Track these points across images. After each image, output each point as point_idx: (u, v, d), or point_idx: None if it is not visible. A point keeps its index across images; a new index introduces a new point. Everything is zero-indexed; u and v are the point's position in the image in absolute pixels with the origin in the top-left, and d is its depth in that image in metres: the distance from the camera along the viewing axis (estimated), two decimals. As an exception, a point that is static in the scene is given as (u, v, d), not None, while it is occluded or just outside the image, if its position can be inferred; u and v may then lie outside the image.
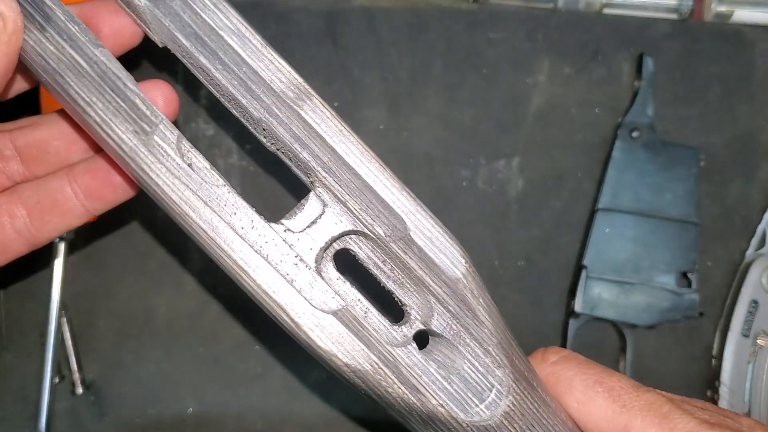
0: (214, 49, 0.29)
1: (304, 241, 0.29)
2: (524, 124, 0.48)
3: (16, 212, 0.33)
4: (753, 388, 0.44)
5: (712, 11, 0.49)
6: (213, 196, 0.28)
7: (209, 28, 0.29)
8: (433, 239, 0.30)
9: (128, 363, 0.46)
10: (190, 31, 0.29)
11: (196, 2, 0.29)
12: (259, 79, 0.29)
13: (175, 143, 0.28)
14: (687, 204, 0.45)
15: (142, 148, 0.28)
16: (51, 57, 0.27)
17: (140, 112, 0.28)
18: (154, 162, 0.28)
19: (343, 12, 0.48)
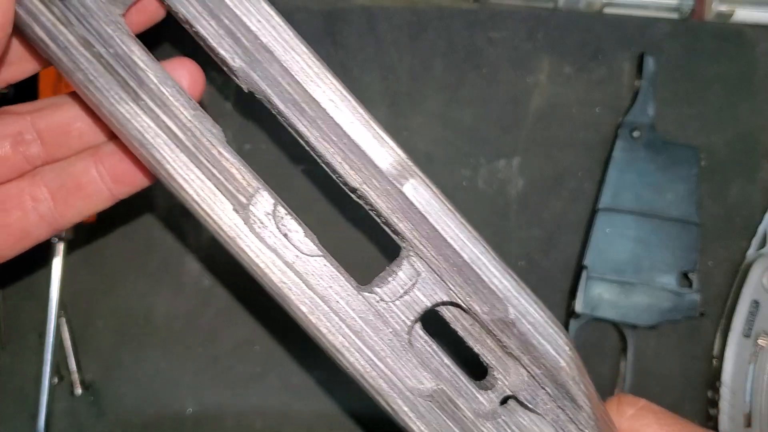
0: (314, 117, 0.28)
1: (396, 312, 0.28)
2: (524, 123, 0.48)
3: (39, 196, 0.31)
4: (754, 389, 0.44)
5: (713, 11, 0.48)
6: (309, 269, 0.27)
7: (310, 98, 0.28)
8: (536, 325, 0.28)
9: (127, 363, 0.46)
10: (288, 97, 0.28)
11: (299, 72, 0.27)
12: (361, 153, 0.28)
13: (272, 212, 0.27)
14: (688, 204, 0.45)
15: (242, 225, 0.27)
16: (147, 131, 0.26)
17: (237, 183, 0.27)
18: (253, 239, 0.27)
19: (343, 11, 0.48)
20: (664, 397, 0.46)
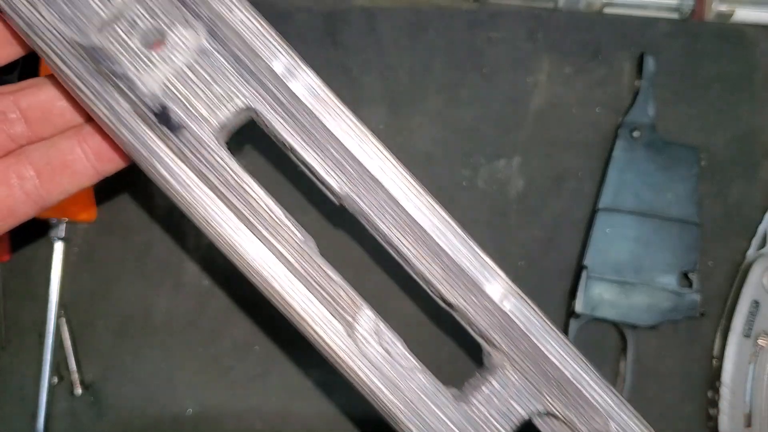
0: (417, 239, 0.28)
1: (494, 423, 0.28)
2: (524, 123, 0.48)
3: (24, 173, 0.32)
4: (754, 389, 0.44)
5: (713, 11, 0.48)
6: (412, 385, 0.27)
7: (414, 222, 0.28)
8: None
9: (127, 363, 0.46)
10: (393, 221, 0.28)
11: (403, 199, 0.28)
12: (464, 274, 0.28)
13: (376, 329, 0.27)
14: (688, 204, 0.45)
15: (352, 346, 0.27)
16: (267, 260, 0.27)
17: (343, 302, 0.27)
18: (362, 360, 0.27)
19: (343, 12, 0.48)
20: (664, 397, 0.46)
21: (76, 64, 0.26)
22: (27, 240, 0.47)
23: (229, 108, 0.27)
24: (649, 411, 0.46)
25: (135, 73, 0.27)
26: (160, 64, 0.27)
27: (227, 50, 0.27)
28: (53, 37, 0.26)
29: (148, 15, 0.27)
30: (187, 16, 0.26)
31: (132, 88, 0.27)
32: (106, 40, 0.26)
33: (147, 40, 0.27)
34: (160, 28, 0.27)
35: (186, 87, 0.27)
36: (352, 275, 0.29)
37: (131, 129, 0.26)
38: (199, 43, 0.27)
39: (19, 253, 0.47)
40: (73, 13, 0.26)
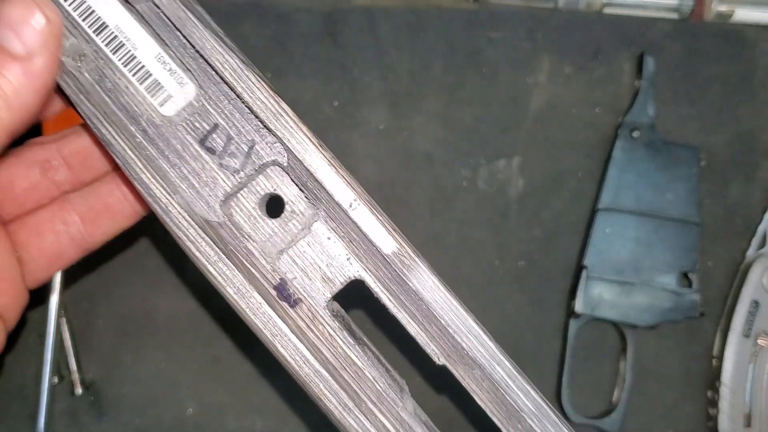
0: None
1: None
2: (524, 123, 0.48)
3: (69, 219, 0.33)
4: (754, 389, 0.44)
5: (713, 11, 0.48)
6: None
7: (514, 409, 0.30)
8: None
9: (128, 363, 0.46)
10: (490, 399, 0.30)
11: (501, 382, 0.30)
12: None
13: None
14: (688, 204, 0.45)
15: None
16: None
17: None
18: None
19: (342, 12, 0.48)
20: (663, 397, 0.46)
21: (206, 248, 0.28)
22: (27, 240, 0.47)
23: (341, 280, 0.29)
24: (649, 411, 0.46)
25: (255, 246, 0.29)
26: (279, 234, 0.29)
27: (342, 231, 0.29)
28: (185, 221, 0.28)
29: (270, 186, 0.29)
30: (308, 194, 0.29)
31: (254, 263, 0.29)
32: (230, 213, 0.29)
33: (267, 210, 0.29)
34: (281, 200, 0.29)
35: (302, 259, 0.29)
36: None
37: (255, 310, 0.28)
38: (316, 224, 0.29)
39: (20, 253, 0.47)
40: (200, 191, 0.28)
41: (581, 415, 0.45)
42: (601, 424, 0.45)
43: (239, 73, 0.28)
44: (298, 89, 0.48)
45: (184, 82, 0.29)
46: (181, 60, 0.28)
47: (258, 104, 0.28)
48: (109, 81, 0.28)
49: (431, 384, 0.45)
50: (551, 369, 0.46)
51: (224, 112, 0.28)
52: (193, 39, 0.28)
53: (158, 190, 0.28)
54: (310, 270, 0.29)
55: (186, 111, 0.28)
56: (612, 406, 0.45)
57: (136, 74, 0.28)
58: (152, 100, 0.28)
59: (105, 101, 0.28)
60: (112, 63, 0.28)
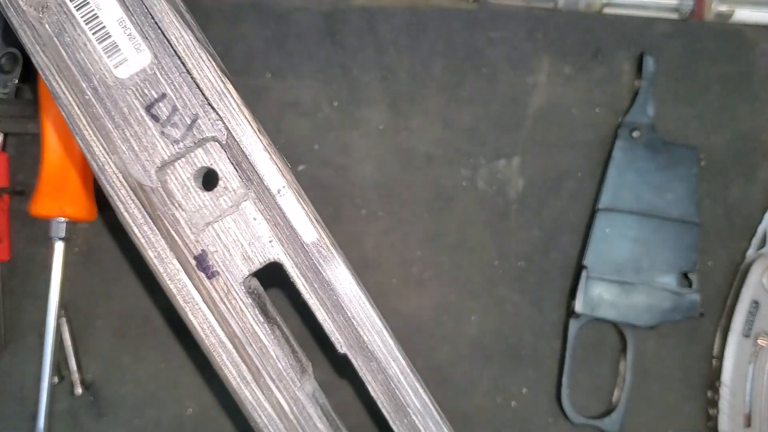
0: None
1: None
2: (524, 123, 0.48)
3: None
4: (754, 389, 0.44)
5: (713, 11, 0.48)
6: None
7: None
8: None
9: (127, 363, 0.46)
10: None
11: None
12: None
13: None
14: (688, 204, 0.45)
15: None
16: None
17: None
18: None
19: (342, 12, 0.48)
20: (663, 396, 0.46)
21: (134, 210, 0.29)
22: (27, 240, 0.47)
23: (260, 260, 0.30)
24: (649, 411, 0.46)
25: (183, 216, 0.29)
26: (209, 207, 0.30)
27: (269, 214, 0.30)
28: (118, 182, 0.29)
29: (207, 161, 0.30)
30: (241, 174, 0.30)
31: (179, 231, 0.29)
32: (164, 180, 0.29)
33: (202, 183, 0.30)
34: (215, 175, 0.30)
35: (227, 235, 0.30)
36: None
37: (171, 275, 0.29)
38: (245, 203, 0.30)
39: (20, 253, 0.47)
40: (139, 154, 0.29)
41: (581, 415, 0.45)
42: (601, 424, 0.45)
43: (192, 49, 0.29)
44: (297, 89, 0.48)
45: (141, 49, 0.29)
46: (141, 27, 0.29)
47: (205, 81, 0.29)
48: (68, 36, 0.29)
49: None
50: (551, 369, 0.46)
51: (174, 83, 0.29)
52: (154, 11, 0.29)
53: (98, 149, 0.29)
54: (232, 246, 0.30)
55: (138, 77, 0.29)
56: (612, 406, 0.45)
57: (96, 33, 0.29)
58: (108, 61, 0.29)
59: (61, 55, 0.29)
60: (74, 19, 0.29)
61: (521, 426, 0.46)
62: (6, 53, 0.47)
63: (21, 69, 0.47)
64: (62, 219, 0.45)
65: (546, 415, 0.46)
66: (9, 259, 0.46)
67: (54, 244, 0.45)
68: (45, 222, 0.45)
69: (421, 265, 0.47)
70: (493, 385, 0.46)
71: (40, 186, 0.44)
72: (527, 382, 0.46)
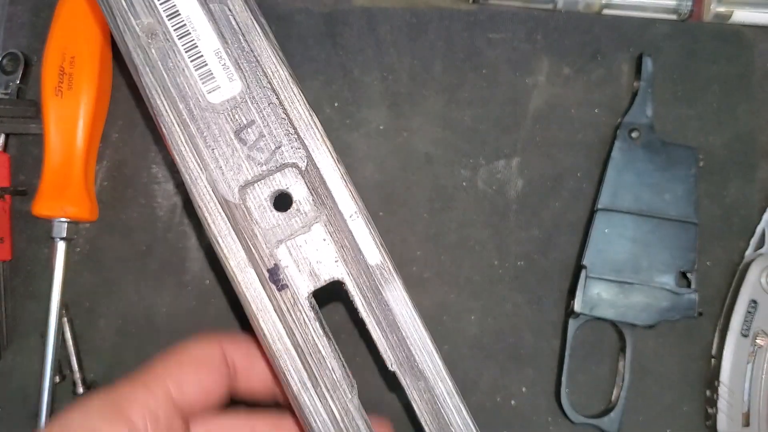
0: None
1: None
2: (524, 124, 0.48)
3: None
4: (752, 388, 0.44)
5: (712, 12, 0.49)
6: None
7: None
8: None
9: (129, 363, 0.46)
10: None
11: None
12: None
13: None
14: (686, 204, 0.45)
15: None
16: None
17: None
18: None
19: (343, 12, 0.48)
20: (662, 396, 0.46)
21: (220, 222, 0.31)
22: (29, 239, 0.47)
23: (325, 278, 0.32)
24: (647, 410, 0.46)
25: (260, 231, 0.32)
26: (282, 226, 0.32)
27: (337, 236, 0.32)
28: (208, 195, 0.31)
29: (284, 184, 0.32)
30: (315, 198, 0.32)
31: (256, 245, 0.32)
32: (245, 198, 0.32)
33: (277, 204, 0.33)
34: (289, 198, 0.32)
35: (297, 252, 0.32)
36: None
37: (248, 284, 0.31)
38: (316, 225, 0.32)
39: (22, 253, 0.47)
40: (226, 173, 0.32)
41: (580, 415, 0.45)
42: (600, 423, 0.45)
43: (286, 83, 0.32)
44: (298, 90, 0.48)
45: (234, 79, 0.32)
46: (236, 59, 0.32)
47: (295, 113, 0.32)
48: (171, 61, 0.32)
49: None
50: (550, 368, 0.46)
51: (263, 112, 0.32)
52: (254, 46, 0.32)
53: (192, 163, 0.31)
54: (301, 263, 0.32)
55: (229, 103, 0.32)
56: (611, 406, 0.46)
57: (194, 61, 0.32)
58: (202, 86, 0.32)
59: (164, 77, 0.32)
60: (177, 46, 0.32)
61: (520, 425, 0.46)
62: (7, 54, 0.48)
63: (22, 70, 0.47)
64: (64, 219, 0.45)
65: (545, 414, 0.46)
66: (11, 258, 0.47)
67: (56, 244, 0.45)
68: (47, 222, 0.45)
69: (421, 264, 0.47)
70: (492, 384, 0.46)
71: (41, 186, 0.45)
72: (526, 382, 0.46)
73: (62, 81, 0.44)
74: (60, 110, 0.44)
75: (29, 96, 0.48)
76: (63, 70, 0.44)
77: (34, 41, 0.48)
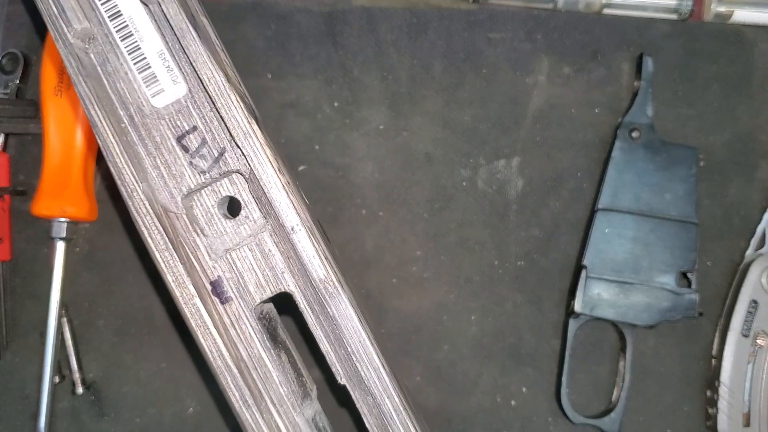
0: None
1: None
2: (524, 124, 0.48)
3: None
4: (753, 388, 0.44)
5: (712, 11, 0.49)
6: None
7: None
8: None
9: (128, 363, 0.46)
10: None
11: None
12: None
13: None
14: (687, 204, 0.45)
15: None
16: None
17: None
18: None
19: (343, 12, 0.48)
20: (662, 396, 0.46)
21: (157, 236, 0.31)
22: (28, 240, 0.47)
23: (271, 289, 0.32)
24: (648, 410, 0.46)
25: (204, 242, 0.31)
26: (229, 234, 0.31)
27: (283, 247, 0.31)
28: (144, 209, 0.31)
29: (232, 191, 0.32)
30: (261, 207, 0.31)
31: (198, 257, 0.31)
32: (189, 206, 0.31)
33: (224, 212, 0.32)
34: (238, 205, 0.32)
35: (243, 263, 0.31)
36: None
37: (186, 300, 0.31)
38: (263, 234, 0.31)
39: (21, 253, 0.47)
40: (168, 182, 0.31)
41: (580, 415, 0.45)
42: (601, 423, 0.45)
43: (222, 90, 0.31)
44: (298, 89, 0.48)
45: (178, 81, 0.31)
46: (178, 62, 0.31)
47: (232, 121, 0.31)
48: (111, 65, 0.31)
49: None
50: (550, 368, 0.46)
51: (205, 117, 0.31)
52: (189, 51, 0.31)
53: (128, 176, 0.30)
54: (247, 274, 0.31)
55: (173, 107, 0.31)
56: (611, 406, 0.45)
57: (138, 63, 0.31)
58: (146, 90, 0.31)
59: (103, 84, 0.30)
60: (119, 48, 0.31)
61: (521, 425, 0.46)
62: (7, 54, 0.48)
63: (22, 69, 0.47)
64: (63, 219, 0.45)
65: (545, 414, 0.46)
66: (10, 258, 0.46)
67: (55, 244, 0.45)
68: (46, 222, 0.45)
69: (421, 264, 0.47)
70: (492, 385, 0.46)
71: (41, 186, 0.44)
72: (527, 382, 0.46)
73: (62, 81, 0.44)
74: (59, 110, 0.44)
75: (29, 96, 0.48)
76: (62, 70, 0.44)
77: (34, 41, 0.48)
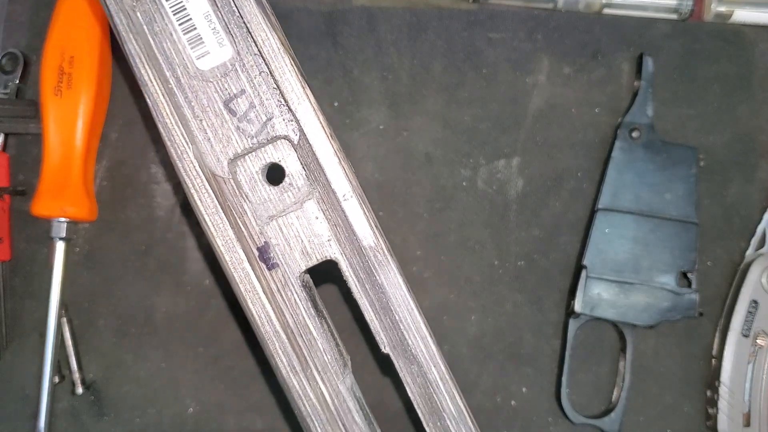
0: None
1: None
2: (524, 124, 0.48)
3: None
4: (753, 388, 0.44)
5: (712, 11, 0.49)
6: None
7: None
8: None
9: (128, 363, 0.46)
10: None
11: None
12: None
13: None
14: (687, 204, 0.45)
15: None
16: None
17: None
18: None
19: (343, 12, 0.48)
20: (663, 396, 0.46)
21: (207, 198, 0.30)
22: (28, 239, 0.47)
23: (317, 257, 0.31)
24: (648, 410, 0.46)
25: (250, 207, 0.31)
26: (273, 201, 0.31)
27: (330, 215, 0.31)
28: (195, 170, 0.30)
29: (276, 157, 0.31)
30: (308, 174, 0.31)
31: (245, 222, 0.31)
32: (234, 171, 0.31)
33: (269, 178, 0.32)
34: (282, 172, 0.31)
35: (289, 229, 0.31)
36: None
37: (236, 264, 0.30)
38: (309, 202, 0.31)
39: (21, 253, 0.47)
40: (214, 146, 0.30)
41: (581, 415, 0.45)
42: (601, 423, 0.45)
43: (277, 53, 0.30)
44: (298, 89, 0.48)
45: (224, 44, 0.30)
46: (227, 24, 0.30)
47: (286, 84, 0.30)
48: (158, 25, 0.30)
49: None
50: (550, 368, 0.46)
51: (253, 81, 0.30)
52: (243, 11, 0.30)
53: (178, 137, 0.30)
54: (293, 241, 0.31)
55: (219, 70, 0.30)
56: (611, 406, 0.45)
57: (183, 24, 0.30)
58: (191, 52, 0.30)
59: (149, 44, 0.30)
60: (164, 9, 0.30)
61: (521, 425, 0.46)
62: (7, 53, 0.48)
63: (22, 69, 0.47)
64: (63, 219, 0.45)
65: (545, 414, 0.46)
66: (10, 258, 0.46)
67: (55, 243, 0.45)
68: (46, 222, 0.45)
69: (421, 264, 0.47)
70: (492, 385, 0.46)
71: (41, 186, 0.44)
72: (527, 382, 0.46)
73: (61, 80, 0.44)
74: (59, 110, 0.44)
75: (28, 95, 0.48)
76: (62, 70, 0.44)
77: (34, 40, 0.48)
